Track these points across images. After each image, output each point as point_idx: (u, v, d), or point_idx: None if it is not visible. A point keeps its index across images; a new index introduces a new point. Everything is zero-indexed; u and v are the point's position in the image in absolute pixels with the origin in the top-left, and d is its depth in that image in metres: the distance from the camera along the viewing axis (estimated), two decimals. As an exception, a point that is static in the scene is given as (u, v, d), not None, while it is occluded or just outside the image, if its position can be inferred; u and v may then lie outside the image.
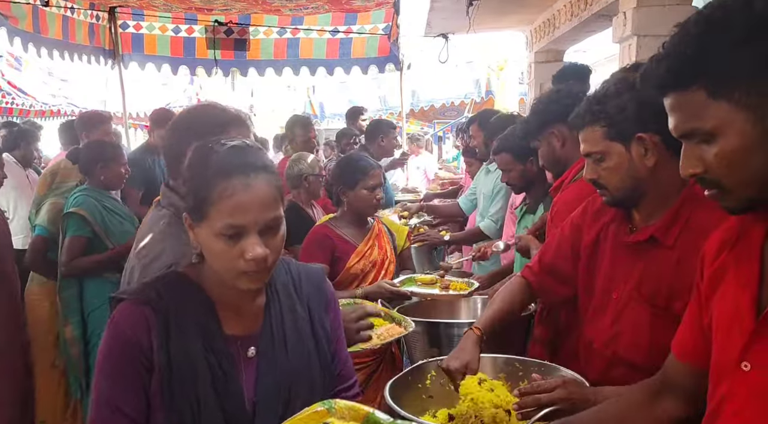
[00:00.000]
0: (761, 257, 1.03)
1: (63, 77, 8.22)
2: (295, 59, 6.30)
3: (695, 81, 0.96)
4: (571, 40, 5.33)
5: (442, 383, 1.95)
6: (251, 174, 1.15)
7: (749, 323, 0.99)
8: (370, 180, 2.72)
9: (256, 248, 1.14)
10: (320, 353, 1.35)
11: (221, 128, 1.60)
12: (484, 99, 10.20)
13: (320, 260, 2.64)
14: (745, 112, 0.93)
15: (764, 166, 0.95)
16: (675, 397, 1.26)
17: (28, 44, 4.58)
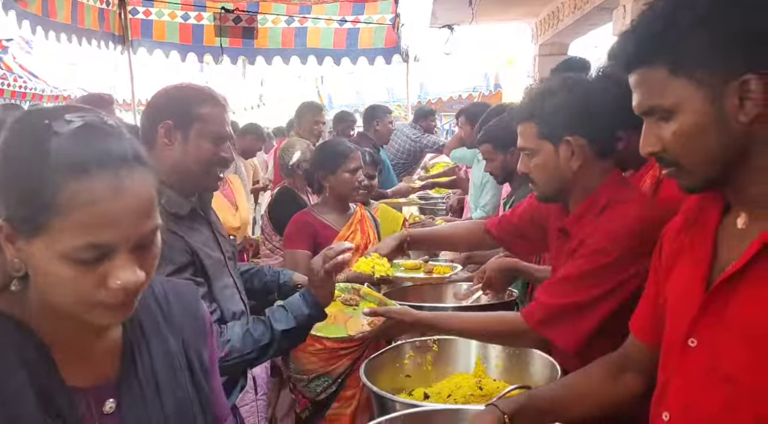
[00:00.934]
0: (715, 238, 1.05)
1: (74, 62, 8.29)
2: (302, 48, 6.33)
3: (658, 58, 0.97)
4: (575, 33, 5.33)
5: (420, 364, 2.01)
6: (122, 170, 0.80)
7: (697, 300, 1.02)
8: (350, 163, 2.71)
9: (128, 273, 0.81)
10: (201, 396, 1.03)
11: (193, 103, 1.63)
12: (492, 92, 10.20)
13: (303, 246, 2.65)
14: (703, 91, 0.95)
15: (721, 146, 0.96)
16: (635, 373, 1.29)
17: (37, 27, 4.63)
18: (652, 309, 1.22)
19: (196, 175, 1.68)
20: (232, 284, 1.82)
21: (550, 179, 1.63)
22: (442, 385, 1.88)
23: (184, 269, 1.61)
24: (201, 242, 1.71)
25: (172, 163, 1.66)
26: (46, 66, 8.32)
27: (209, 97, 1.69)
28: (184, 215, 1.68)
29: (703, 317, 1.01)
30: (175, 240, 1.60)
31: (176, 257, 1.59)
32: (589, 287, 1.51)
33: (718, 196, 1.07)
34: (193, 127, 1.65)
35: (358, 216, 2.82)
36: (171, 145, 1.65)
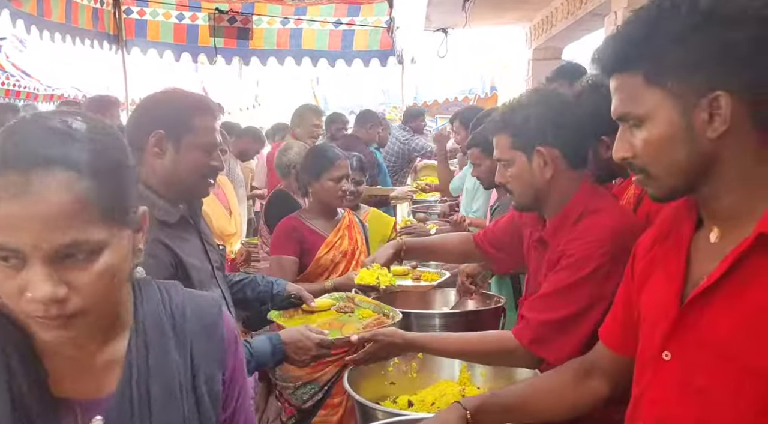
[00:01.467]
0: (688, 252, 1.06)
1: (68, 61, 8.27)
2: (297, 50, 6.32)
3: (636, 65, 0.99)
4: (568, 38, 5.34)
5: (405, 371, 2.01)
6: (34, 172, 0.74)
7: (671, 314, 1.03)
8: (335, 171, 2.67)
9: (39, 286, 0.75)
10: (203, 419, 0.95)
11: (184, 114, 1.63)
12: (488, 95, 10.21)
13: (289, 252, 2.64)
14: (675, 102, 0.96)
15: (687, 158, 0.98)
16: (600, 378, 1.32)
17: (31, 27, 4.61)
18: (621, 319, 1.24)
19: (186, 184, 1.69)
20: (219, 296, 1.79)
21: (525, 189, 1.68)
22: (427, 392, 1.89)
23: None
24: (189, 253, 1.69)
25: (163, 172, 1.65)
26: (39, 65, 8.29)
27: (201, 107, 1.68)
28: (174, 223, 1.66)
29: (677, 331, 1.02)
30: (161, 251, 1.58)
31: (159, 271, 1.54)
32: (575, 299, 1.53)
33: (692, 210, 1.08)
34: (185, 138, 1.64)
35: (346, 221, 2.80)
36: (162, 155, 1.64)
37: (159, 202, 1.65)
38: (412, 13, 5.81)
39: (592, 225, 1.56)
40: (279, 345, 1.74)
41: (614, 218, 1.56)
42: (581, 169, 1.67)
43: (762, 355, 0.90)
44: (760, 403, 0.91)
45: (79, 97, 8.68)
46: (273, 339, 1.75)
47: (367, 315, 2.12)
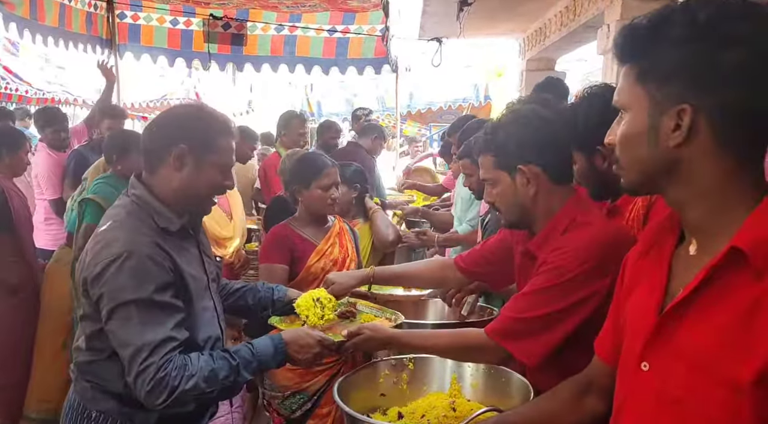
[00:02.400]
0: (669, 264, 1.08)
1: (60, 65, 8.25)
2: (291, 56, 6.33)
3: (635, 59, 1.01)
4: (562, 49, 5.38)
5: (395, 382, 2.00)
6: None
7: (650, 325, 1.04)
8: (324, 179, 2.65)
9: None
10: None
11: (211, 134, 1.69)
12: (482, 103, 10.25)
13: (278, 260, 2.61)
14: (649, 103, 0.99)
15: (649, 158, 1.01)
16: (598, 394, 1.32)
17: (24, 30, 4.61)
18: (612, 331, 1.25)
19: (198, 200, 1.74)
20: (212, 307, 1.83)
21: (511, 207, 1.71)
22: (417, 404, 1.87)
23: (164, 288, 1.61)
24: (187, 262, 1.72)
25: (177, 185, 1.70)
26: (32, 68, 8.26)
27: (226, 129, 1.75)
28: (174, 231, 1.70)
29: (655, 342, 1.03)
30: (161, 257, 1.61)
31: (159, 275, 1.59)
32: (550, 301, 1.55)
33: (675, 223, 1.10)
34: (208, 157, 1.69)
35: (336, 229, 2.79)
36: (180, 169, 1.68)
37: (163, 211, 1.69)
38: (406, 22, 5.83)
39: (576, 237, 1.58)
40: (281, 345, 1.74)
41: (599, 231, 1.58)
42: (566, 184, 1.69)
43: (733, 367, 0.91)
44: (732, 415, 0.92)
45: (71, 101, 8.66)
46: (275, 339, 1.75)
47: (368, 319, 2.10)
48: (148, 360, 1.54)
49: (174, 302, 1.62)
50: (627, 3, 3.34)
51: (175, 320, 1.61)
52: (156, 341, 1.56)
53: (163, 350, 1.56)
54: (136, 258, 1.56)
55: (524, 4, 4.73)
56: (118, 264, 1.55)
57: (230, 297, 2.09)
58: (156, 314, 1.58)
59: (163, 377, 1.55)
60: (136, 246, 1.58)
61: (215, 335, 1.82)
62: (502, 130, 1.68)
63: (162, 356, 1.55)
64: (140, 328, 1.56)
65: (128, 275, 1.55)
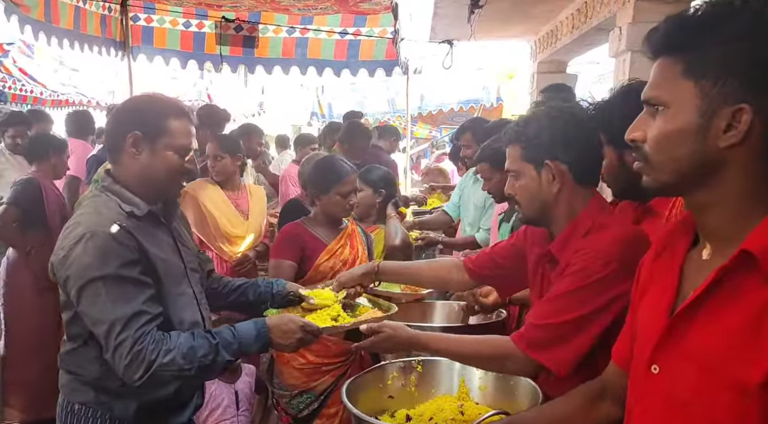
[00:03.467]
0: (681, 268, 1.08)
1: (74, 67, 8.33)
2: (303, 58, 6.35)
3: (680, 51, 0.98)
4: (573, 52, 5.35)
5: (404, 385, 2.00)
6: None
7: (661, 327, 1.04)
8: (344, 187, 2.70)
9: None
10: None
11: (161, 117, 1.73)
12: (494, 105, 10.22)
13: (289, 257, 2.66)
14: (700, 101, 0.95)
15: (690, 158, 0.97)
16: (613, 400, 1.31)
17: (39, 33, 4.64)
18: (629, 336, 1.24)
19: (160, 184, 1.78)
20: (191, 294, 1.88)
21: (532, 201, 1.69)
22: (425, 407, 1.88)
23: (131, 265, 1.63)
24: (155, 245, 1.75)
25: (138, 171, 1.75)
26: (46, 70, 8.36)
27: (177, 111, 1.77)
28: (141, 215, 1.73)
29: (665, 345, 1.03)
30: (125, 237, 1.64)
31: (124, 253, 1.62)
32: (577, 304, 1.52)
33: (689, 227, 1.09)
34: (161, 140, 1.73)
35: (348, 230, 2.82)
36: (138, 155, 1.74)
37: (129, 197, 1.75)
38: (418, 24, 5.83)
39: (598, 239, 1.57)
40: (263, 329, 1.76)
41: (621, 233, 1.56)
42: (590, 186, 1.68)
43: (742, 369, 0.91)
44: (739, 418, 0.91)
45: (84, 103, 8.74)
46: (258, 323, 1.77)
47: (363, 311, 2.14)
48: (122, 334, 1.56)
49: (142, 278, 1.64)
50: (639, 5, 3.32)
51: (145, 295, 1.63)
52: (128, 315, 1.57)
53: (136, 324, 1.57)
54: (99, 237, 1.60)
55: (536, 7, 4.72)
56: (81, 245, 1.59)
57: (231, 294, 2.12)
58: (125, 289, 1.60)
59: (140, 351, 1.56)
60: (98, 226, 1.62)
61: (194, 320, 1.84)
62: (535, 122, 1.67)
63: (137, 330, 1.57)
64: (110, 304, 1.57)
65: (91, 253, 1.58)
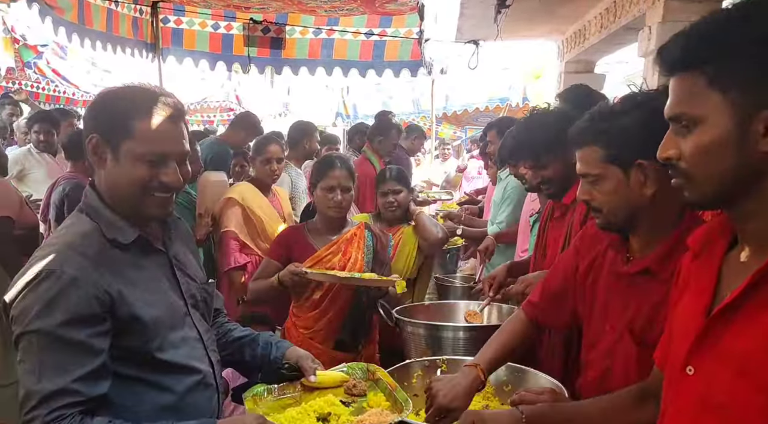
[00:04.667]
0: (719, 270, 1.06)
1: (106, 68, 8.51)
2: (328, 59, 6.39)
3: (701, 64, 0.96)
4: (601, 51, 5.30)
5: (428, 383, 2.01)
6: None
7: (697, 328, 1.03)
8: (327, 181, 2.60)
9: None
10: None
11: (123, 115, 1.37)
12: (520, 105, 10.16)
13: (275, 257, 2.66)
14: (734, 110, 0.94)
15: (734, 169, 0.96)
16: (658, 401, 1.28)
17: (73, 34, 4.75)
18: (668, 338, 1.23)
19: (131, 202, 1.41)
20: (195, 336, 1.54)
21: (619, 207, 1.49)
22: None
23: (81, 322, 1.28)
24: (141, 285, 1.40)
25: (106, 184, 1.42)
26: (79, 71, 8.55)
27: (149, 105, 1.37)
28: (127, 243, 1.41)
29: (700, 346, 1.02)
30: (91, 283, 1.30)
31: (78, 304, 1.28)
32: None
33: (726, 229, 1.08)
34: (123, 145, 1.36)
35: (347, 235, 2.67)
36: (102, 164, 1.40)
37: (112, 219, 1.40)
38: (443, 24, 5.83)
39: None
40: None
41: None
42: None
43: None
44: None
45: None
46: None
47: (376, 404, 1.75)
48: (35, 411, 1.24)
49: (91, 343, 1.29)
50: (669, 4, 3.27)
51: (85, 368, 1.27)
52: (48, 391, 1.24)
53: (54, 404, 1.24)
54: (55, 278, 1.27)
55: (563, 6, 4.69)
56: (33, 285, 1.28)
57: (226, 349, 1.77)
58: (60, 354, 1.26)
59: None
60: (61, 265, 1.29)
61: (201, 367, 1.51)
62: (618, 118, 1.46)
63: (51, 412, 1.24)
64: (37, 368, 1.25)
65: (38, 297, 1.27)
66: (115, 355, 1.35)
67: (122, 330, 1.35)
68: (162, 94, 1.41)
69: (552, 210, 2.35)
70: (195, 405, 1.48)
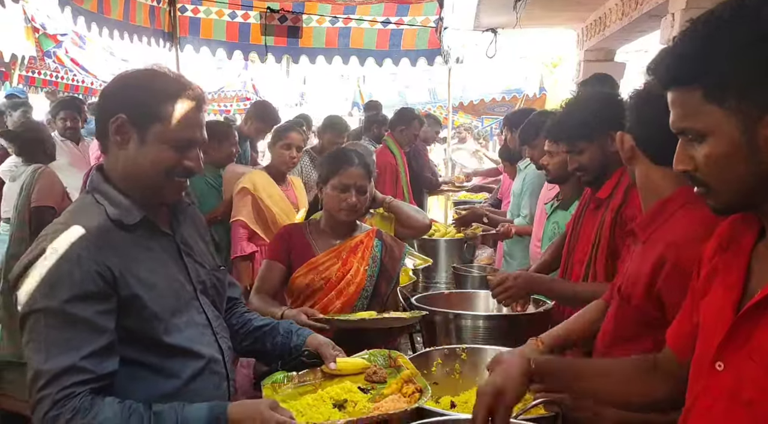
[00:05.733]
0: (748, 263, 1.05)
1: (124, 57, 8.56)
2: (345, 48, 6.38)
3: (694, 80, 0.97)
4: (622, 39, 5.21)
5: (448, 372, 2.01)
6: None
7: (727, 324, 1.02)
8: (343, 179, 2.32)
9: None
10: None
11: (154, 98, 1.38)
12: (537, 95, 10.08)
13: (277, 258, 2.37)
14: (735, 119, 0.94)
15: (749, 175, 0.96)
16: (662, 378, 1.30)
17: (91, 23, 4.78)
18: (687, 326, 1.22)
19: (151, 185, 1.42)
20: (203, 322, 1.53)
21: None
22: (470, 394, 1.88)
23: (86, 300, 1.28)
24: (147, 267, 1.41)
25: (124, 166, 1.42)
26: (97, 61, 8.61)
27: (180, 93, 1.40)
28: (132, 224, 1.41)
29: (731, 342, 1.01)
30: (93, 260, 1.31)
31: (82, 281, 1.29)
32: None
33: (754, 220, 1.06)
34: (152, 128, 1.38)
35: (352, 243, 2.38)
36: (124, 145, 1.40)
37: (118, 200, 1.41)
38: (461, 12, 5.78)
39: None
40: (221, 419, 1.34)
41: None
42: None
43: None
44: None
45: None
46: (214, 411, 1.34)
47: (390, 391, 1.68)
48: (45, 390, 1.25)
49: (97, 321, 1.29)
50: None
51: (92, 345, 1.28)
52: (58, 370, 1.25)
53: (64, 382, 1.25)
54: (56, 257, 1.28)
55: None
56: (37, 264, 1.30)
57: (247, 338, 1.77)
58: (67, 332, 1.27)
59: (56, 417, 1.24)
60: (63, 243, 1.30)
61: (209, 353, 1.51)
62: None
63: (61, 390, 1.24)
64: (44, 347, 1.26)
65: (41, 277, 1.28)
66: (118, 336, 1.35)
67: (124, 310, 1.35)
68: (187, 81, 1.45)
69: (588, 200, 2.29)
70: (201, 392, 1.46)
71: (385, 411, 1.51)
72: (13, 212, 3.78)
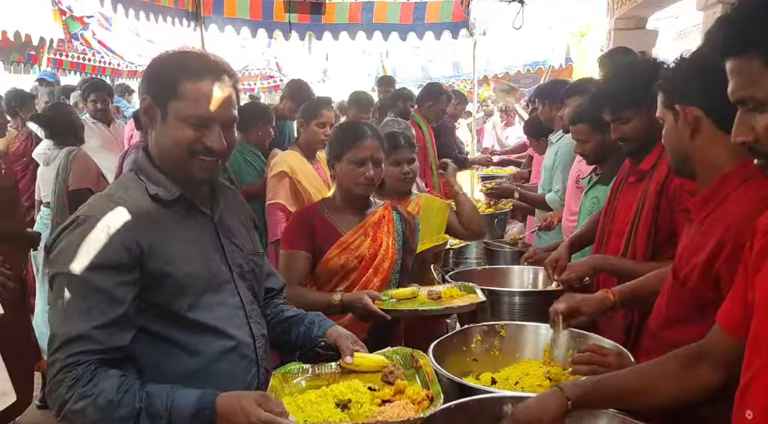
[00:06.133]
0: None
1: (149, 38, 8.59)
2: (369, 24, 6.33)
3: (752, 48, 0.95)
4: (655, 6, 5.07)
5: (487, 348, 2.02)
6: None
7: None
8: (359, 152, 2.25)
9: None
10: None
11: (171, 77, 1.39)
12: (563, 66, 9.89)
13: (300, 247, 2.26)
14: None
15: None
16: (712, 366, 1.27)
17: (117, 5, 4.79)
18: (741, 303, 1.19)
19: (178, 163, 1.43)
20: (236, 304, 1.53)
21: None
22: (510, 371, 1.88)
23: (109, 270, 1.32)
24: (181, 241, 1.43)
25: (155, 144, 1.46)
26: (124, 42, 8.67)
27: (197, 69, 1.39)
28: (170, 200, 1.44)
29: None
30: (126, 229, 1.34)
31: (109, 250, 1.32)
32: None
33: None
34: (171, 106, 1.39)
35: (375, 218, 2.34)
36: (153, 125, 1.44)
37: (157, 177, 1.45)
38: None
39: None
40: (207, 413, 1.29)
41: None
42: None
43: None
44: None
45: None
46: (203, 400, 1.30)
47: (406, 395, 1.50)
48: (56, 354, 1.28)
49: (115, 292, 1.31)
50: (732, -47, 3.09)
51: (107, 316, 1.30)
52: (69, 335, 1.28)
53: (73, 349, 1.27)
54: (89, 223, 1.33)
55: (615, -41, 4.49)
56: (69, 229, 1.35)
57: (276, 328, 1.75)
58: (86, 300, 1.30)
59: (60, 383, 1.27)
60: (98, 211, 1.36)
61: (240, 336, 1.50)
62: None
63: (69, 356, 1.27)
64: (63, 311, 1.31)
65: (72, 240, 1.32)
66: (144, 309, 1.37)
67: (151, 284, 1.37)
68: (212, 59, 1.44)
69: (628, 173, 2.25)
70: (226, 373, 1.45)
71: (387, 418, 1.39)
72: (52, 197, 3.85)
